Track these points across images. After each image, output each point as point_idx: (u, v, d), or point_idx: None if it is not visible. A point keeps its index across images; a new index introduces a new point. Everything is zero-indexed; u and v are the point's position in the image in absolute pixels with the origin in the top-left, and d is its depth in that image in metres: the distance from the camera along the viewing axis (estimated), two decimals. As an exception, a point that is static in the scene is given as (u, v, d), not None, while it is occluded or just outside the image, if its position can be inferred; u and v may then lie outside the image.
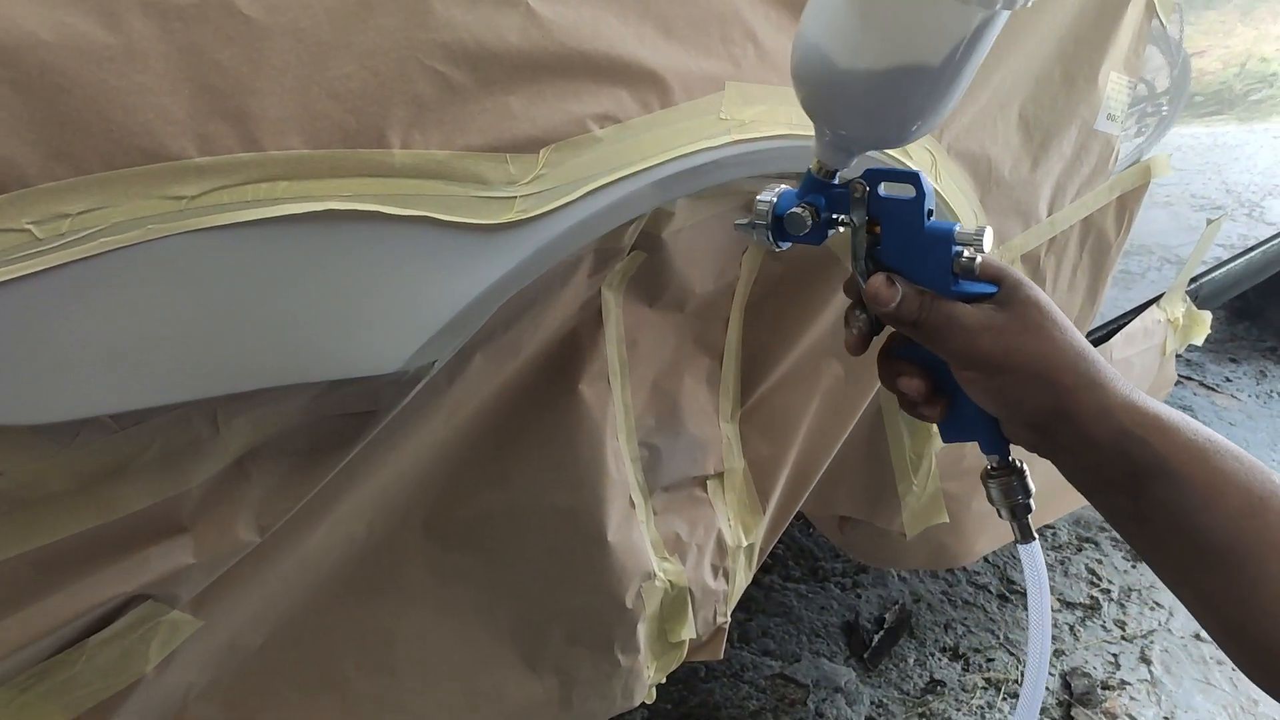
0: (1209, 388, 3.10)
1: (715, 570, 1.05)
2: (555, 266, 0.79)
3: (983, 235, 0.68)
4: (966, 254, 0.68)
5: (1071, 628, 2.01)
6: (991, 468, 0.73)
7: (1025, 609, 2.04)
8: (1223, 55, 1.71)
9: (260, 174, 0.60)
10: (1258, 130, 1.95)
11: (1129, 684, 1.89)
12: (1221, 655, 1.95)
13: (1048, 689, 1.85)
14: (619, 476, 0.93)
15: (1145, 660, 1.95)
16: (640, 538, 0.96)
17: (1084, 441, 0.65)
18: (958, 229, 0.68)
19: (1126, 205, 1.26)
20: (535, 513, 0.90)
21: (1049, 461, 0.68)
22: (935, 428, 0.96)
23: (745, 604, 1.96)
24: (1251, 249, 1.94)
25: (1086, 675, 1.88)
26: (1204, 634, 1.98)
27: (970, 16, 0.57)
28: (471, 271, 0.68)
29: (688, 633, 1.02)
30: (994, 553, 2.19)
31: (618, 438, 0.92)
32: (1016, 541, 0.73)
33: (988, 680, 1.86)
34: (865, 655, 1.88)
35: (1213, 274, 1.82)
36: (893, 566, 2.03)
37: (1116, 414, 0.64)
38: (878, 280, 0.69)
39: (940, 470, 1.31)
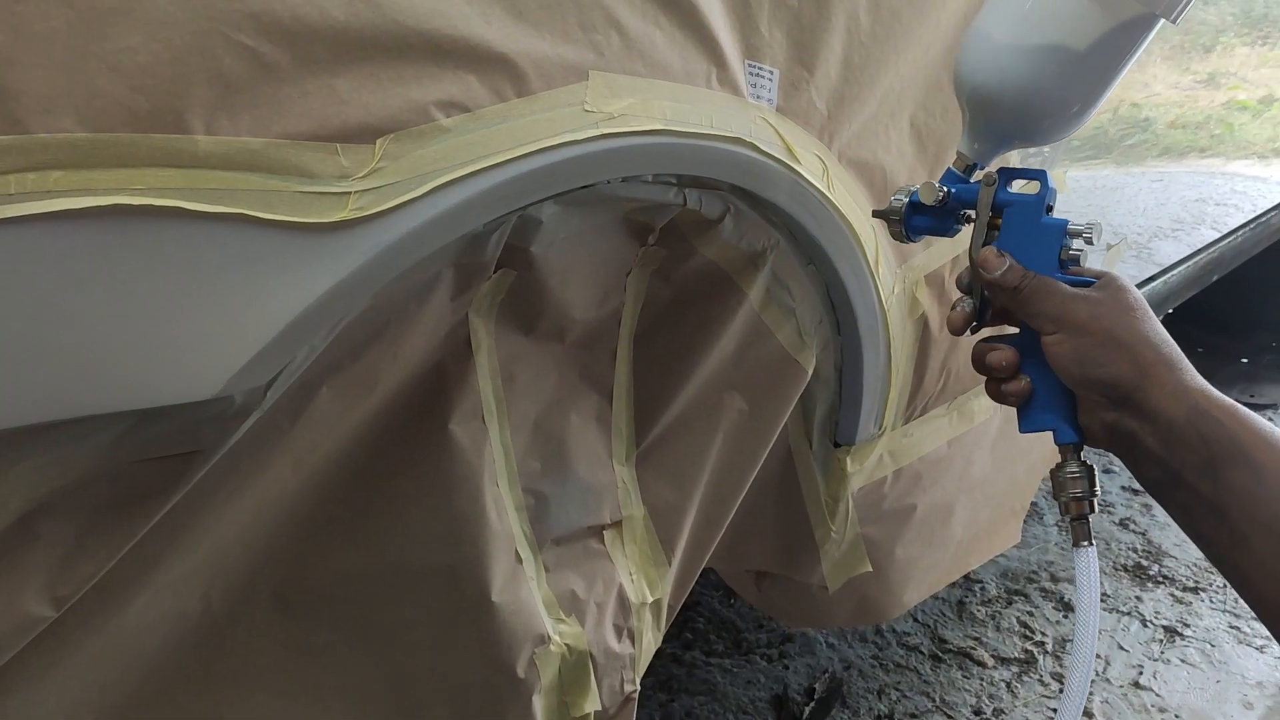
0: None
1: (619, 631, 0.94)
2: (409, 286, 0.71)
3: (1093, 229, 0.75)
4: (1075, 245, 0.75)
5: (1009, 684, 1.92)
6: (1063, 461, 0.74)
7: (958, 669, 1.96)
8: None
9: (25, 161, 0.50)
10: (1135, 174, 1.97)
11: (1071, 738, 1.80)
12: (1164, 703, 1.89)
13: (989, 750, 1.76)
14: (501, 528, 0.82)
15: (1088, 714, 1.87)
16: (530, 596, 0.85)
17: (1159, 416, 0.66)
18: (1070, 224, 0.75)
19: (1027, 224, 1.22)
20: (406, 574, 0.79)
21: (1120, 460, 0.71)
22: (850, 468, 1.11)
23: (666, 684, 1.84)
24: (1152, 278, 1.94)
25: (1027, 733, 1.80)
26: (1143, 681, 1.92)
27: (1114, 13, 0.67)
28: (299, 278, 0.59)
29: (591, 704, 0.91)
30: (924, 612, 2.11)
31: (497, 484, 0.83)
32: (1073, 545, 0.73)
33: (926, 746, 1.76)
34: (797, 729, 1.76)
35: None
36: (815, 626, 1.93)
37: (1192, 394, 0.67)
38: (989, 250, 0.75)
39: (859, 515, 1.23)
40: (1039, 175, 0.77)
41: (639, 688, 0.97)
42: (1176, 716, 1.86)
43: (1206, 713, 1.87)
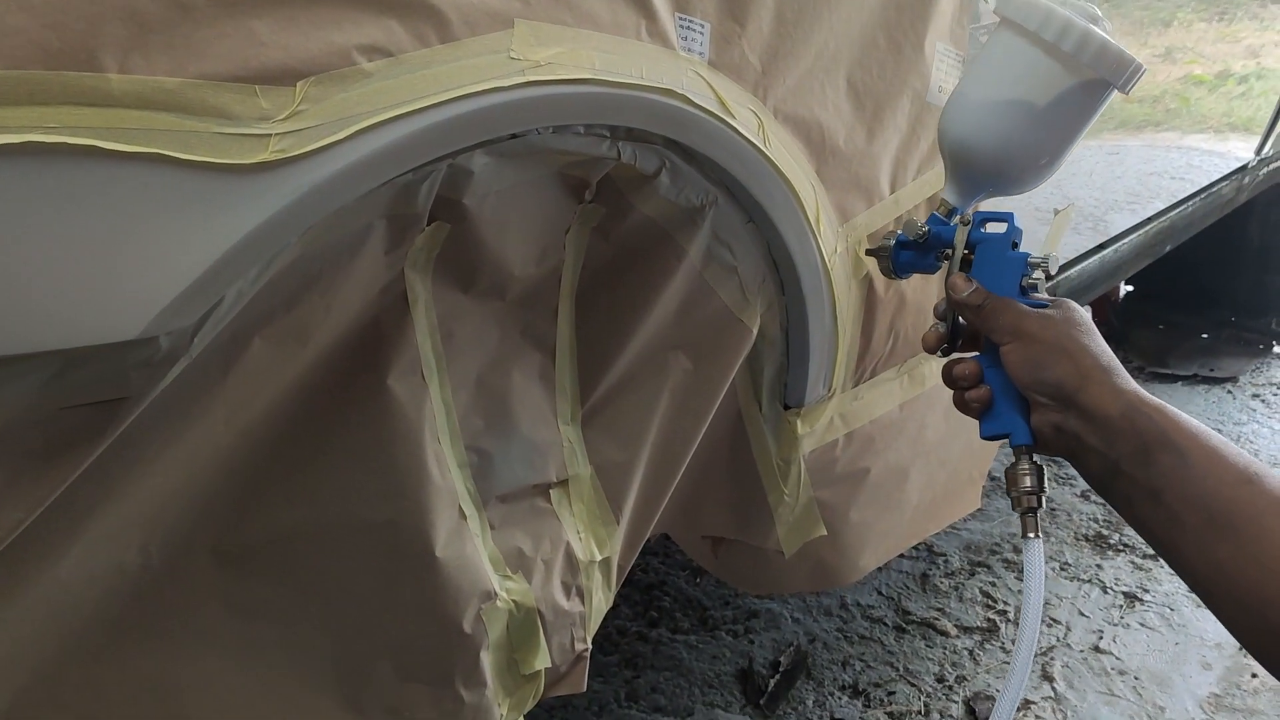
0: (1082, 410, 3.14)
1: (567, 589, 0.95)
2: (340, 236, 0.71)
3: (1048, 261, 0.84)
4: (1034, 275, 0.84)
5: (971, 652, 1.94)
6: (1016, 461, 0.82)
7: (921, 639, 1.98)
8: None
9: (-67, 98, 0.50)
10: (1092, 146, 1.99)
11: (1034, 703, 1.82)
12: (1124, 665, 1.91)
13: (951, 717, 1.78)
14: (444, 484, 0.83)
15: (1048, 677, 1.89)
16: (475, 553, 0.86)
17: (1098, 413, 0.74)
18: (1030, 257, 0.84)
19: (970, 186, 1.23)
20: (346, 530, 0.79)
21: (1069, 462, 0.80)
22: (800, 430, 1.16)
23: (633, 660, 1.85)
24: (1103, 245, 1.96)
25: (990, 698, 1.81)
26: (1103, 645, 1.95)
27: (1071, 75, 0.78)
28: (221, 219, 0.59)
29: (541, 661, 0.91)
30: (888, 584, 2.13)
31: (439, 440, 0.83)
32: (1021, 534, 0.81)
33: (890, 715, 1.77)
34: (761, 702, 1.77)
35: (1067, 273, 1.82)
36: (773, 591, 1.95)
37: (1126, 394, 0.75)
38: (958, 275, 0.85)
39: (812, 478, 1.24)
40: (1006, 218, 0.87)
41: (590, 646, 0.97)
42: (1136, 678, 1.88)
43: (1165, 674, 1.90)
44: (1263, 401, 3.27)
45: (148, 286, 0.57)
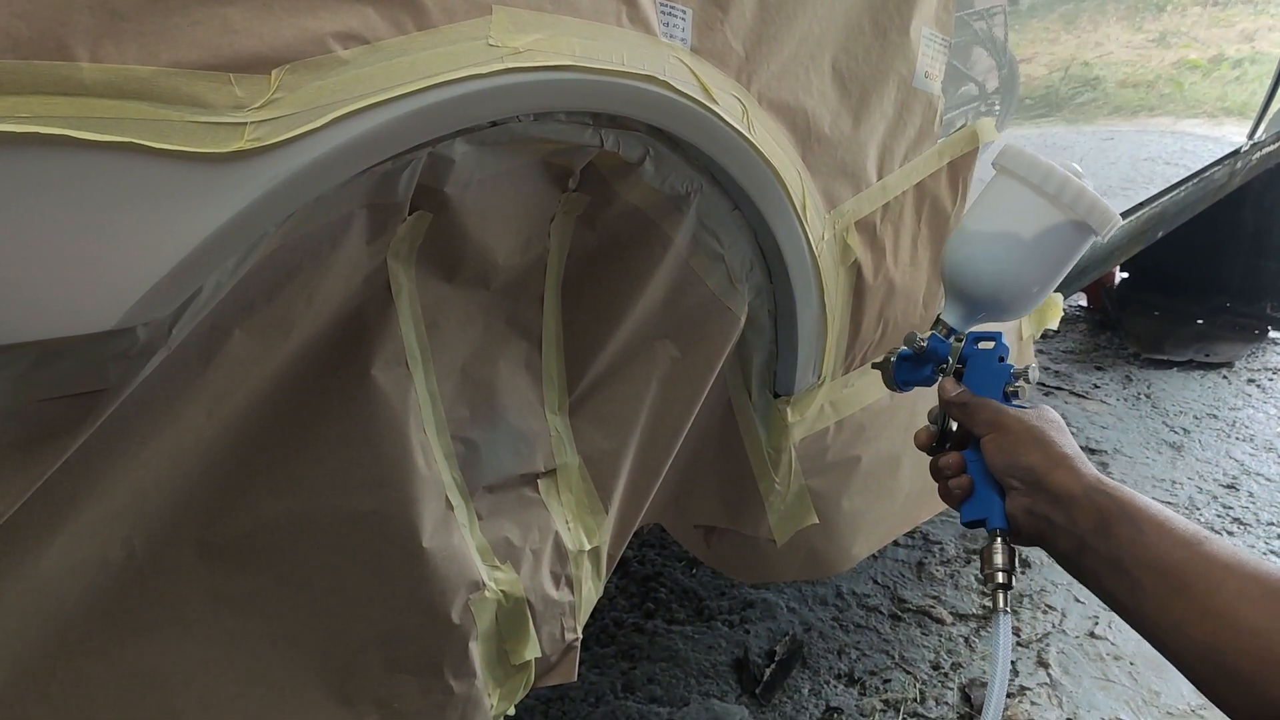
0: (1079, 395, 3.14)
1: (556, 579, 0.94)
2: (320, 226, 0.71)
3: (1028, 371, 0.94)
4: (1017, 383, 0.93)
5: (966, 639, 1.94)
6: (990, 542, 0.88)
7: (917, 627, 1.98)
8: (1048, 61, 1.75)
9: (-98, 88, 0.49)
10: (1086, 132, 1.99)
11: (1029, 689, 1.82)
12: (1119, 651, 1.91)
13: (947, 704, 1.78)
14: (430, 474, 0.82)
15: (1043, 664, 1.89)
16: (463, 543, 0.85)
17: (1063, 494, 0.82)
18: (1013, 369, 0.94)
19: (959, 172, 1.23)
20: (331, 521, 0.79)
21: (1042, 548, 0.88)
22: (790, 418, 1.18)
23: (628, 653, 1.85)
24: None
25: (985, 684, 1.81)
26: (1098, 631, 1.95)
27: (1056, 213, 0.89)
28: (196, 209, 0.59)
29: (531, 652, 0.91)
30: (883, 573, 2.13)
31: (424, 430, 0.82)
32: (992, 608, 0.87)
33: (886, 702, 1.77)
34: (757, 691, 1.77)
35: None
36: (766, 579, 1.94)
37: (1088, 477, 0.83)
38: (948, 379, 0.96)
39: (803, 466, 1.24)
40: (994, 336, 0.97)
41: (580, 636, 0.97)
42: (1131, 663, 1.89)
43: (1160, 659, 1.89)
44: (1258, 386, 3.27)
45: (122, 277, 0.57)
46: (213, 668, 0.77)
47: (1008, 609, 0.86)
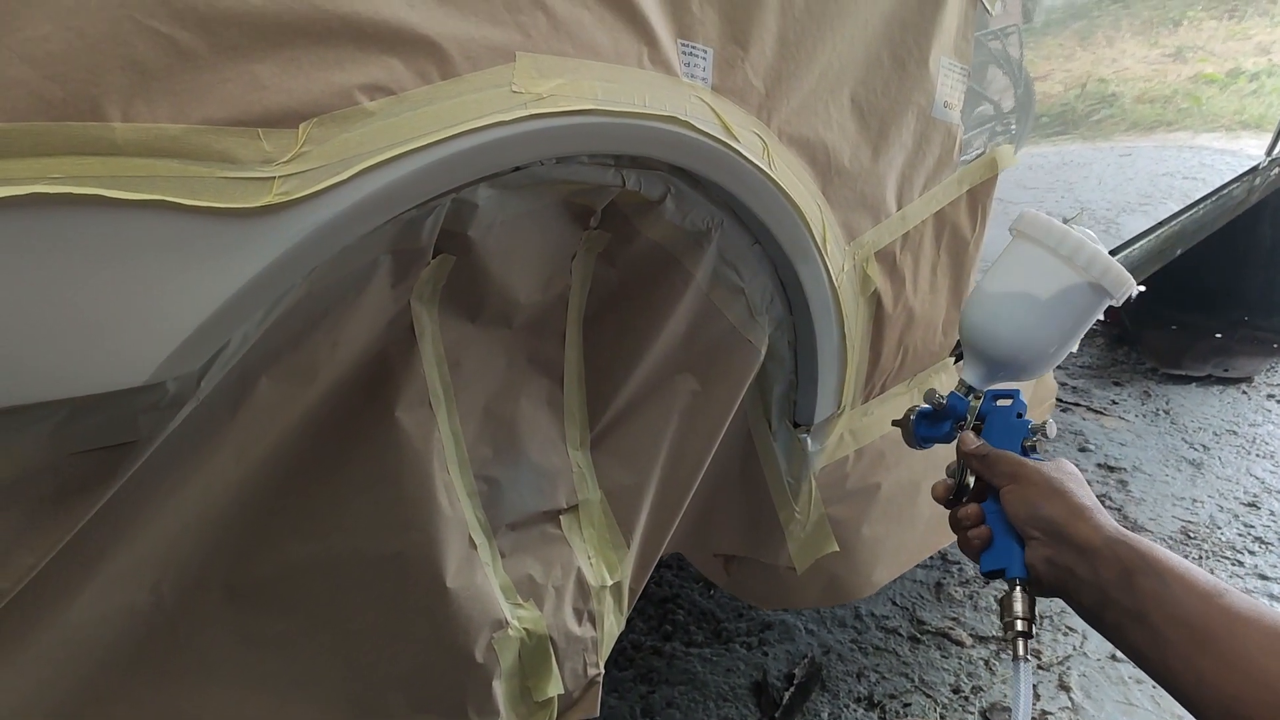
0: (1096, 411, 3.13)
1: (579, 615, 0.94)
2: (345, 273, 0.71)
3: (1045, 427, 0.95)
4: (1035, 438, 0.95)
5: (986, 662, 1.93)
6: (1010, 591, 0.88)
7: (937, 649, 1.97)
8: (1064, 78, 1.75)
9: (-61, 153, 0.50)
10: (1103, 149, 1.99)
11: (1050, 713, 1.81)
12: (1141, 675, 1.89)
13: (969, 727, 1.77)
14: (453, 514, 0.83)
15: (1064, 687, 1.88)
16: (486, 582, 0.86)
17: (1085, 546, 0.82)
18: (1031, 424, 0.96)
19: (978, 199, 1.23)
20: (356, 563, 0.79)
21: (1062, 600, 0.86)
22: (810, 448, 1.18)
23: (647, 676, 1.85)
24: (1112, 252, 1.95)
25: (1006, 709, 1.80)
26: (1120, 655, 1.93)
27: (1071, 275, 0.90)
28: (226, 264, 0.59)
29: (554, 688, 0.92)
30: (902, 594, 2.12)
31: (448, 470, 0.83)
32: (1012, 658, 0.87)
33: (907, 726, 1.77)
34: (776, 715, 1.77)
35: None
36: (786, 607, 1.94)
37: (1108, 529, 0.83)
38: (968, 433, 0.96)
39: (823, 494, 1.24)
40: (1013, 394, 0.99)
41: (602, 670, 0.97)
42: (1154, 687, 1.87)
43: (1183, 682, 1.88)
44: (1278, 402, 3.25)
45: (154, 333, 0.58)
46: (240, 708, 0.78)
47: (1028, 657, 0.86)
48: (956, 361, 1.40)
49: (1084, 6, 1.75)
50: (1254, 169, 2.67)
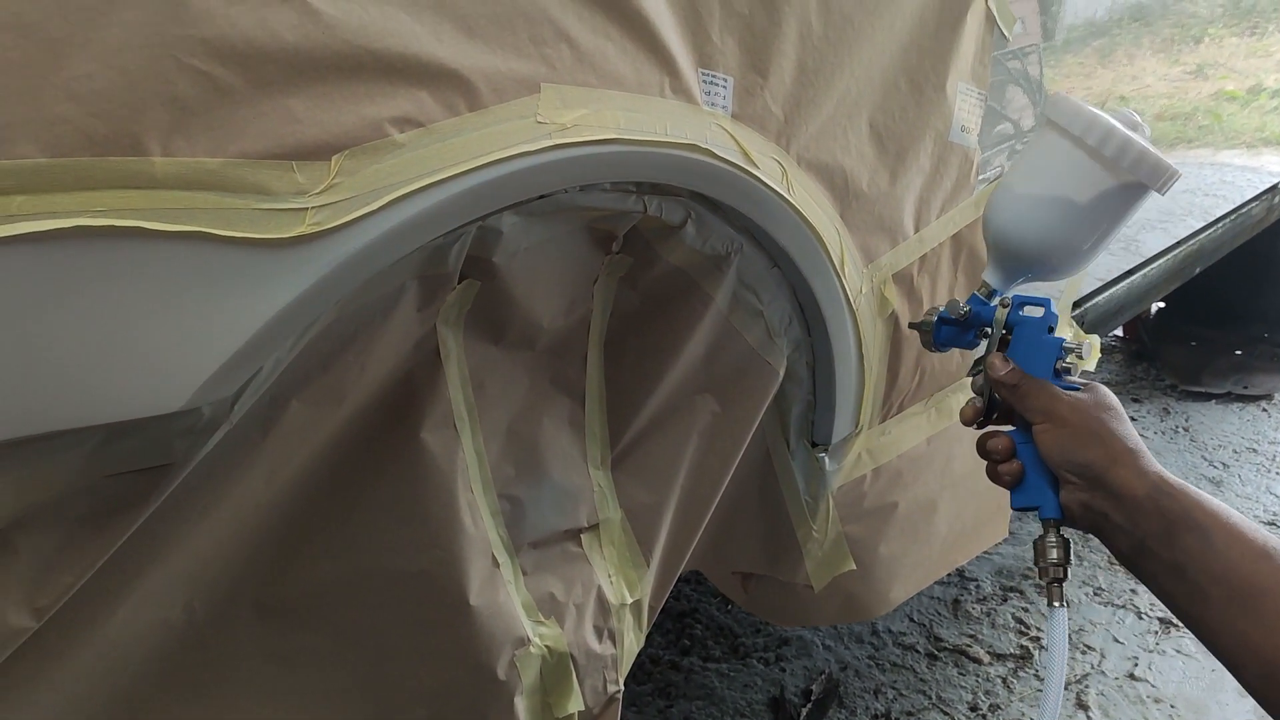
0: (1114, 429, 3.11)
1: (599, 632, 0.96)
2: (374, 298, 0.73)
3: (1083, 346, 0.87)
4: (1068, 359, 0.87)
5: (1004, 680, 1.93)
6: (1044, 533, 0.85)
7: (954, 667, 1.97)
8: (1084, 96, 1.75)
9: (-12, 187, 0.52)
10: (1124, 168, 1.98)
11: (1068, 731, 1.81)
12: (1159, 693, 1.89)
13: (986, 745, 1.77)
14: (477, 533, 0.84)
15: (1083, 706, 1.88)
16: (508, 600, 0.87)
17: (1125, 494, 0.78)
18: (1065, 341, 0.88)
19: (994, 222, 1.24)
20: (382, 581, 0.81)
21: (1096, 537, 0.82)
22: (828, 467, 1.17)
23: (665, 690, 1.86)
24: (1130, 272, 1.95)
25: (1024, 727, 1.81)
26: (1138, 673, 1.93)
27: (1111, 177, 0.82)
28: (261, 292, 0.61)
29: (575, 705, 0.93)
30: (919, 610, 2.12)
31: (471, 489, 0.84)
32: (1047, 603, 0.84)
33: (924, 743, 1.77)
34: (795, 730, 1.78)
35: (1095, 299, 1.82)
36: (803, 624, 1.95)
37: (1151, 476, 0.78)
38: (997, 355, 0.89)
39: (841, 513, 1.25)
40: (1044, 302, 0.91)
41: (622, 688, 0.99)
42: (1172, 706, 1.87)
43: (1202, 701, 1.88)
44: (1299, 418, 3.23)
45: (191, 360, 0.59)
46: (267, 724, 0.79)
47: (1064, 604, 0.83)
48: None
49: (1104, 24, 1.76)
50: (1274, 186, 2.67)
